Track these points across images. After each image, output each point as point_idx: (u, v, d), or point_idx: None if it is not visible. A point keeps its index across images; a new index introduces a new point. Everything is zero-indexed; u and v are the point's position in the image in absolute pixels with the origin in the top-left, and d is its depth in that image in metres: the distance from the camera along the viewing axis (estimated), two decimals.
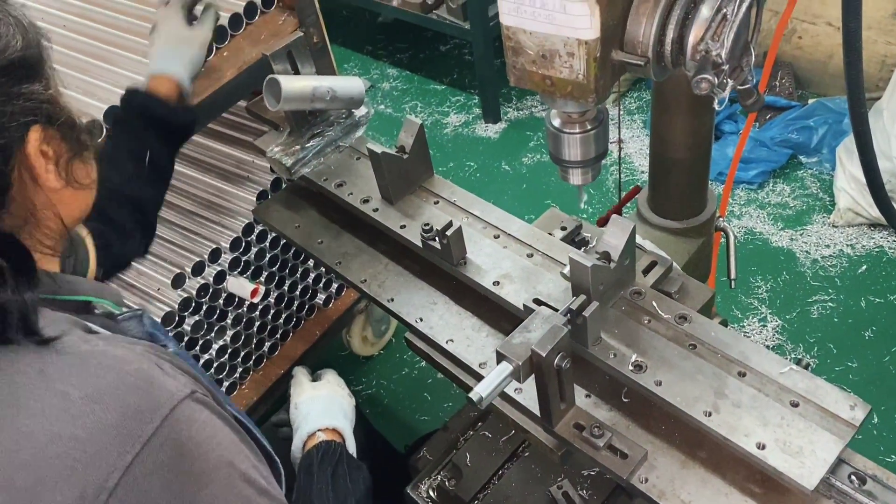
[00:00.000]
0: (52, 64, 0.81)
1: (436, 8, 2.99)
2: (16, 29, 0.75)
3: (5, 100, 0.73)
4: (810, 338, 2.14)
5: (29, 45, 0.76)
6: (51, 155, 0.79)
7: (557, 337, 0.90)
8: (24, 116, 0.75)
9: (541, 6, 0.75)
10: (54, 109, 0.79)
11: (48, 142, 0.78)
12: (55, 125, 0.79)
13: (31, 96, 0.76)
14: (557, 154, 0.95)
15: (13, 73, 0.74)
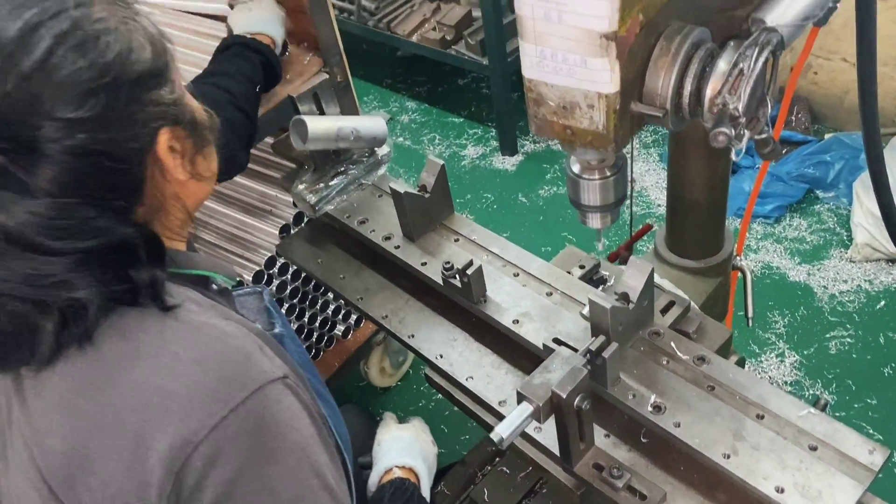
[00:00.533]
0: (177, 65, 0.87)
1: (454, 44, 3.05)
2: (145, 39, 0.81)
3: (138, 108, 0.80)
4: (829, 374, 2.13)
5: (157, 53, 0.82)
6: (178, 151, 0.86)
7: (577, 378, 0.92)
8: (154, 121, 0.82)
9: (562, 61, 0.78)
10: (180, 110, 0.86)
11: (175, 140, 0.85)
12: (181, 125, 0.86)
13: (160, 101, 0.82)
14: (577, 199, 0.97)
15: (144, 82, 0.80)
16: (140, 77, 0.79)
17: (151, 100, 0.81)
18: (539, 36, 0.77)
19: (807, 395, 2.10)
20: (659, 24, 0.80)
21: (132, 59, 0.79)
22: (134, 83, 0.79)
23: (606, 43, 0.73)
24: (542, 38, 0.77)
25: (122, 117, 0.79)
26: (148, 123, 0.81)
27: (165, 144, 0.84)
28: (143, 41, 0.81)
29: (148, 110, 0.81)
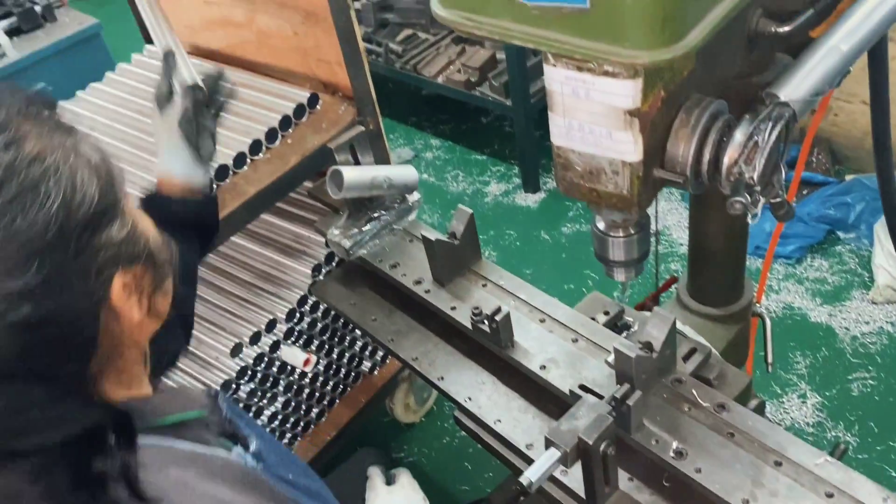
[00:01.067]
0: (125, 189, 0.77)
1: (479, 85, 3.13)
2: (90, 171, 0.70)
3: (88, 258, 0.69)
4: (851, 415, 2.15)
5: (104, 184, 0.71)
6: (134, 292, 0.76)
7: (603, 425, 0.97)
8: (107, 268, 0.71)
9: (589, 132, 0.84)
10: (134, 245, 0.75)
11: (131, 281, 0.75)
12: (137, 262, 0.76)
13: (112, 242, 0.72)
14: (602, 254, 1.03)
15: (93, 225, 0.70)
16: (89, 220, 0.69)
17: (102, 244, 0.71)
18: (567, 109, 0.84)
19: (829, 436, 2.11)
20: (679, 96, 0.86)
21: (78, 201, 0.68)
22: (83, 230, 0.68)
23: (630, 118, 0.79)
24: (571, 112, 0.83)
25: (72, 274, 0.68)
26: (101, 272, 0.71)
27: (120, 290, 0.73)
28: (89, 174, 0.70)
29: (100, 257, 0.70)
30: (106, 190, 0.71)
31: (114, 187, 0.73)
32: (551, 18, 0.71)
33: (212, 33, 2.00)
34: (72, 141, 0.71)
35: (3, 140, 0.66)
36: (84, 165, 0.70)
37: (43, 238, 0.65)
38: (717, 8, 0.72)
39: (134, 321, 0.76)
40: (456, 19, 0.77)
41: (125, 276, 0.74)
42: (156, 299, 0.80)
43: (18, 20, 2.92)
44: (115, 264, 0.72)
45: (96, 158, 0.72)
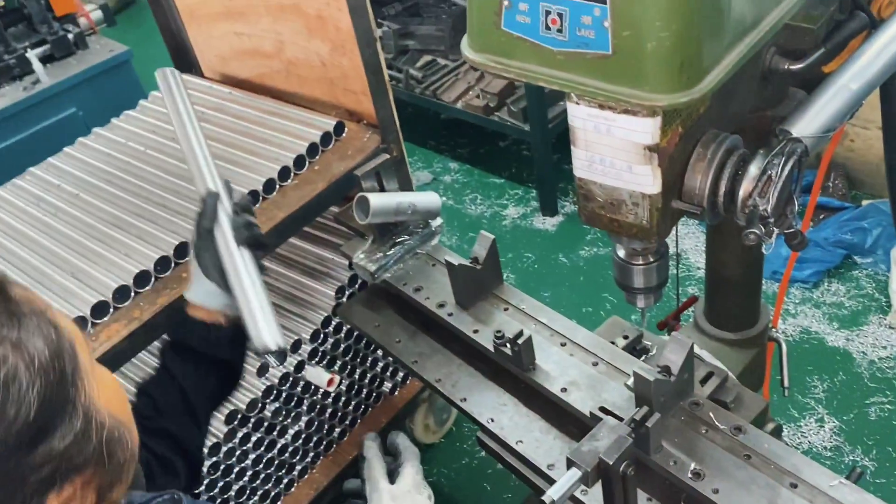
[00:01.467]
0: (83, 373, 0.66)
1: (497, 110, 3.19)
2: (32, 378, 0.59)
3: (18, 480, 0.58)
4: (868, 440, 2.16)
5: (47, 391, 0.60)
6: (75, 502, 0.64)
7: (623, 447, 1.00)
8: (38, 496, 0.60)
9: (610, 165, 0.89)
10: (80, 450, 0.63)
11: (70, 495, 0.64)
12: (82, 471, 0.64)
13: (48, 458, 0.60)
14: (623, 281, 1.07)
15: (27, 440, 0.59)
16: (21, 441, 0.58)
17: (35, 464, 0.59)
18: (590, 144, 0.88)
19: (846, 461, 2.12)
20: (696, 132, 0.91)
21: (8, 419, 0.57)
22: (10, 454, 0.58)
23: (649, 153, 0.84)
24: (592, 146, 0.88)
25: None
26: (32, 497, 0.60)
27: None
28: (30, 379, 0.59)
29: (29, 485, 0.59)
30: (49, 394, 0.60)
31: (64, 384, 0.63)
32: (576, 63, 0.76)
33: (242, 63, 2.07)
34: (16, 333, 0.60)
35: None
36: (25, 368, 0.59)
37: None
38: (731, 53, 0.77)
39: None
40: (486, 62, 0.82)
41: (65, 491, 0.63)
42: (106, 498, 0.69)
43: (52, 48, 3.02)
44: (49, 486, 0.61)
45: (45, 353, 0.61)
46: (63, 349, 0.64)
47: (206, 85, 2.11)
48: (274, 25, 1.88)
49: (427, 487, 1.28)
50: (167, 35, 2.23)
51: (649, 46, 0.69)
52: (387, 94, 1.75)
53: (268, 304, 1.24)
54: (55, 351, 0.63)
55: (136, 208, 1.71)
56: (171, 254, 1.55)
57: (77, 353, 0.66)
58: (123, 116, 2.09)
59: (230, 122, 1.93)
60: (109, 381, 0.73)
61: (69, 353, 0.65)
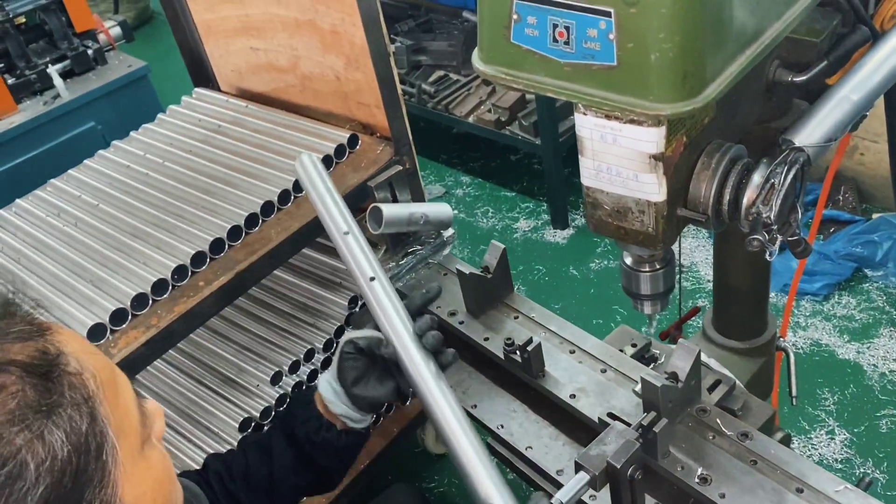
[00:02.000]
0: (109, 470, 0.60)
1: (508, 125, 3.23)
2: (42, 475, 0.55)
3: None
4: (880, 452, 2.15)
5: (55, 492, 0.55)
6: None
7: (631, 451, 1.02)
8: None
9: (616, 174, 0.91)
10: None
11: None
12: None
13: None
14: (630, 288, 1.09)
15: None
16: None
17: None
18: (596, 153, 0.91)
19: (857, 472, 2.12)
20: (700, 142, 0.93)
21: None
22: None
23: (655, 162, 0.86)
24: (599, 156, 0.91)
25: None
26: None
27: None
28: (39, 476, 0.55)
29: None
30: (58, 497, 0.56)
31: (79, 483, 0.58)
32: (582, 74, 0.79)
33: (258, 77, 2.12)
34: (42, 421, 0.56)
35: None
36: (35, 466, 0.55)
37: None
38: (733, 64, 0.79)
39: None
40: (495, 74, 0.85)
41: None
42: None
43: (72, 63, 3.09)
44: None
45: (65, 450, 0.57)
46: (90, 449, 0.59)
47: (222, 99, 2.16)
48: (289, 41, 1.92)
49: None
50: (185, 50, 2.28)
51: (653, 58, 0.72)
52: (400, 107, 1.79)
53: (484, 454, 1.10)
54: (78, 450, 0.58)
55: (153, 219, 1.75)
56: (187, 263, 1.58)
57: (111, 451, 0.61)
58: (142, 129, 2.14)
59: (247, 135, 1.97)
60: (156, 473, 0.69)
61: (97, 453, 0.59)
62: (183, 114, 2.15)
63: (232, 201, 1.73)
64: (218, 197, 1.76)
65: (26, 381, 0.57)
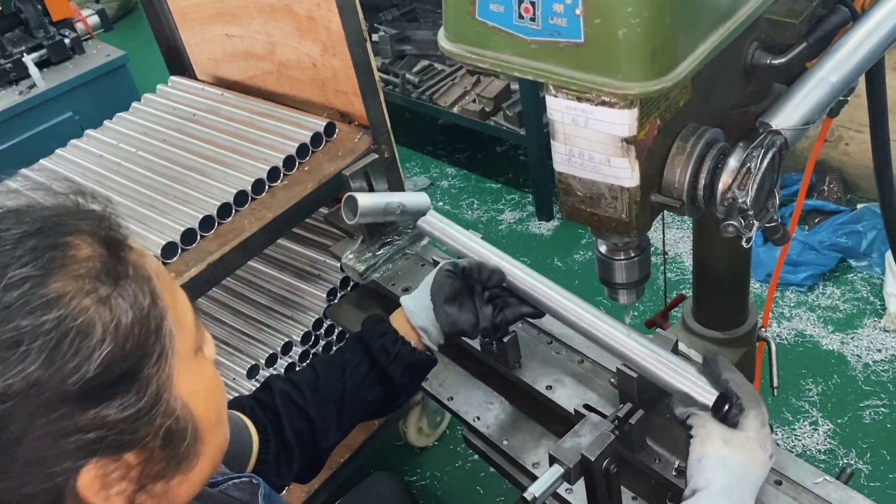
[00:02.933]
0: (168, 356, 0.65)
1: (493, 115, 3.20)
2: (106, 338, 0.59)
3: (60, 435, 0.57)
4: (863, 443, 2.14)
5: (116, 357, 0.59)
6: (114, 484, 0.62)
7: (605, 443, 0.99)
8: (74, 458, 0.58)
9: (588, 159, 0.88)
10: (131, 430, 0.61)
11: (114, 472, 0.61)
12: (128, 450, 0.62)
13: (98, 425, 0.58)
14: (605, 277, 1.06)
15: (74, 403, 0.57)
16: (71, 397, 0.57)
17: (81, 425, 0.58)
18: (568, 138, 0.88)
19: (841, 463, 2.11)
20: (675, 126, 0.90)
21: (66, 371, 0.56)
22: (54, 406, 0.56)
23: (627, 146, 0.83)
24: (571, 140, 0.88)
25: (20, 460, 0.56)
26: (62, 461, 0.58)
27: (93, 481, 0.60)
28: (103, 338, 0.59)
29: (69, 442, 0.57)
30: (118, 360, 0.60)
31: (140, 356, 0.62)
32: (549, 52, 0.76)
33: (234, 65, 2.08)
34: (109, 290, 0.61)
35: (30, 271, 0.57)
36: (102, 327, 0.59)
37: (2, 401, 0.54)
38: (706, 42, 0.76)
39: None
40: (461, 53, 0.82)
41: (103, 466, 0.60)
42: (154, 491, 0.66)
43: (48, 52, 3.03)
44: (89, 453, 0.59)
45: (127, 319, 0.61)
46: (150, 325, 0.63)
47: (198, 87, 2.12)
48: (265, 27, 1.89)
49: (772, 442, 0.99)
50: (161, 38, 2.23)
51: (620, 34, 0.69)
52: (377, 94, 1.75)
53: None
54: (140, 322, 0.62)
55: (124, 209, 1.71)
56: (158, 253, 1.55)
57: (168, 336, 0.65)
58: (116, 118, 2.09)
59: (221, 123, 1.93)
60: (208, 379, 0.72)
61: (156, 331, 0.64)
62: (158, 102, 2.11)
63: (204, 191, 1.70)
64: (190, 186, 1.72)
65: (96, 250, 0.63)
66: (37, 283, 0.58)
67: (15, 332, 0.55)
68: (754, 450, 0.95)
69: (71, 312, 0.58)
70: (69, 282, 0.59)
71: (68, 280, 0.59)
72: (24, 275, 0.57)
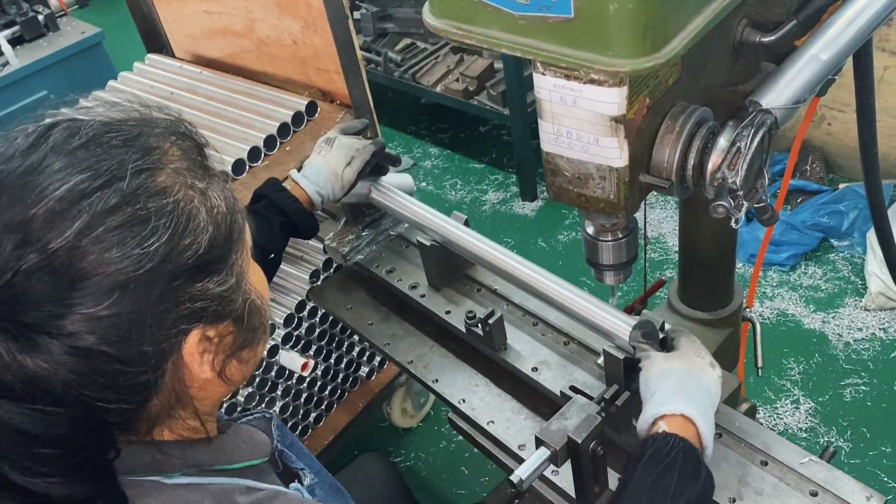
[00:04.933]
0: (245, 241, 0.76)
1: (477, 94, 3.17)
2: (209, 219, 0.70)
3: (171, 305, 0.67)
4: (843, 421, 2.17)
5: (218, 237, 0.70)
6: (210, 350, 0.73)
7: (592, 425, 0.99)
8: (187, 321, 0.69)
9: (577, 138, 0.87)
10: (227, 303, 0.73)
11: (211, 338, 0.73)
12: (224, 320, 0.73)
13: (204, 296, 0.70)
14: (592, 258, 1.05)
15: (190, 274, 0.68)
16: (186, 269, 0.68)
17: (192, 295, 0.69)
18: (556, 117, 0.86)
19: (822, 441, 2.13)
20: (665, 104, 0.89)
21: (182, 247, 0.67)
22: (175, 276, 0.67)
23: (616, 125, 0.82)
24: (559, 119, 0.86)
25: (148, 317, 0.66)
26: (178, 324, 0.69)
27: (195, 345, 0.71)
28: (206, 222, 0.69)
29: (183, 308, 0.68)
30: (217, 242, 0.70)
31: (229, 242, 0.72)
32: (538, 28, 0.74)
33: (213, 42, 2.03)
34: (204, 184, 0.71)
35: (141, 164, 0.67)
36: (205, 213, 0.70)
37: (131, 274, 0.64)
38: (697, 18, 0.75)
39: (202, 379, 0.74)
40: (447, 28, 0.80)
41: (205, 332, 0.71)
42: (231, 363, 0.77)
43: (21, 29, 2.96)
44: (197, 319, 0.70)
45: (222, 208, 0.72)
46: (235, 215, 0.75)
47: (176, 65, 2.07)
48: (244, 3, 1.84)
49: (709, 354, 1.07)
50: (138, 15, 2.18)
51: (611, 9, 0.67)
52: (359, 72, 1.72)
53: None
54: (230, 211, 0.73)
55: None
56: None
57: (244, 230, 0.77)
58: (91, 97, 2.04)
59: (200, 102, 1.89)
60: (257, 270, 0.82)
61: (238, 222, 0.75)
62: (134, 80, 2.06)
63: None
64: None
65: (185, 148, 0.73)
66: (150, 176, 0.68)
67: (144, 210, 0.66)
68: (691, 357, 1.03)
69: (182, 198, 0.69)
70: (172, 176, 0.69)
71: (171, 174, 0.69)
72: (140, 166, 0.67)
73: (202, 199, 0.70)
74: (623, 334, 1.10)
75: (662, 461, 0.92)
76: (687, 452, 0.93)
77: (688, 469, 0.92)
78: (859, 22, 0.91)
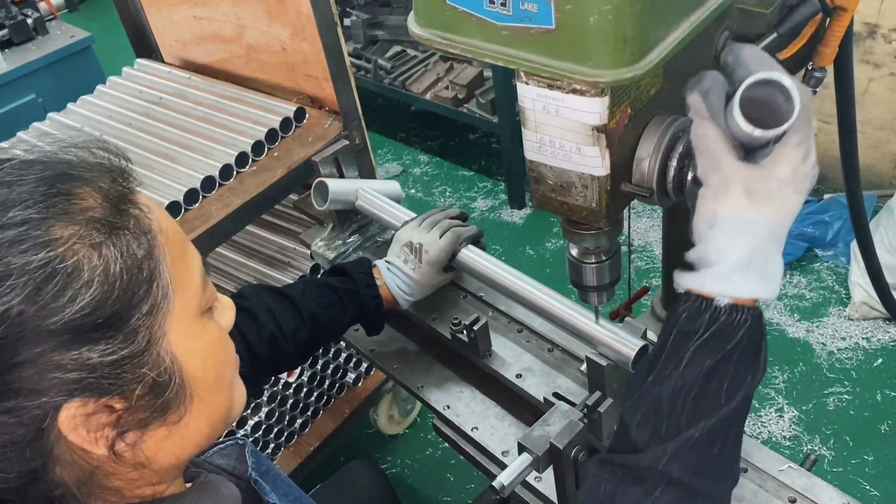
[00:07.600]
0: (162, 309, 0.66)
1: (466, 102, 3.18)
2: (95, 282, 0.61)
3: (43, 370, 0.59)
4: (826, 429, 2.18)
5: (105, 301, 0.61)
6: (95, 427, 0.64)
7: (574, 431, 1.00)
8: (60, 391, 0.60)
9: (559, 147, 0.88)
10: (115, 378, 0.62)
11: (86, 413, 0.62)
12: (105, 394, 0.63)
13: (80, 365, 0.60)
14: (577, 280, 1.06)
15: (63, 335, 0.59)
16: (60, 329, 0.59)
17: (64, 362, 0.60)
18: (539, 125, 0.87)
19: (805, 449, 2.15)
20: (646, 115, 0.90)
21: (57, 303, 0.59)
22: (46, 337, 0.58)
23: (597, 134, 0.83)
24: (542, 128, 0.87)
25: (6, 384, 0.59)
26: (44, 394, 0.60)
27: (72, 419, 0.62)
28: (89, 281, 0.60)
29: (53, 375, 0.59)
30: (106, 305, 0.61)
31: (127, 304, 0.63)
32: (520, 38, 0.75)
33: (202, 48, 2.04)
34: (101, 238, 0.62)
35: (32, 213, 0.60)
36: (90, 269, 0.61)
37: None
38: (677, 31, 0.76)
39: (102, 458, 0.66)
40: (431, 38, 0.81)
41: (83, 406, 0.62)
42: (144, 440, 0.68)
43: (10, 33, 2.95)
44: (71, 391, 0.60)
45: (118, 266, 0.62)
46: (142, 275, 0.64)
47: (165, 70, 2.08)
48: (234, 9, 1.85)
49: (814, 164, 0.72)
50: (127, 20, 2.18)
51: (591, 21, 0.68)
52: (348, 79, 1.73)
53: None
54: (130, 271, 0.63)
55: None
56: None
57: (164, 290, 0.66)
58: (80, 101, 2.04)
59: (189, 107, 1.89)
60: (212, 341, 0.73)
61: (148, 282, 0.65)
62: (123, 85, 2.06)
63: (171, 176, 1.66)
64: (156, 171, 1.69)
65: (99, 202, 0.64)
66: (34, 226, 0.60)
67: (4, 266, 0.58)
68: (788, 197, 0.72)
69: (60, 254, 0.60)
70: (66, 228, 0.61)
71: (66, 226, 0.61)
72: (25, 216, 0.60)
73: (91, 254, 0.61)
74: (606, 341, 1.11)
75: (723, 347, 0.72)
76: (752, 330, 0.72)
77: (748, 351, 0.72)
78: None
